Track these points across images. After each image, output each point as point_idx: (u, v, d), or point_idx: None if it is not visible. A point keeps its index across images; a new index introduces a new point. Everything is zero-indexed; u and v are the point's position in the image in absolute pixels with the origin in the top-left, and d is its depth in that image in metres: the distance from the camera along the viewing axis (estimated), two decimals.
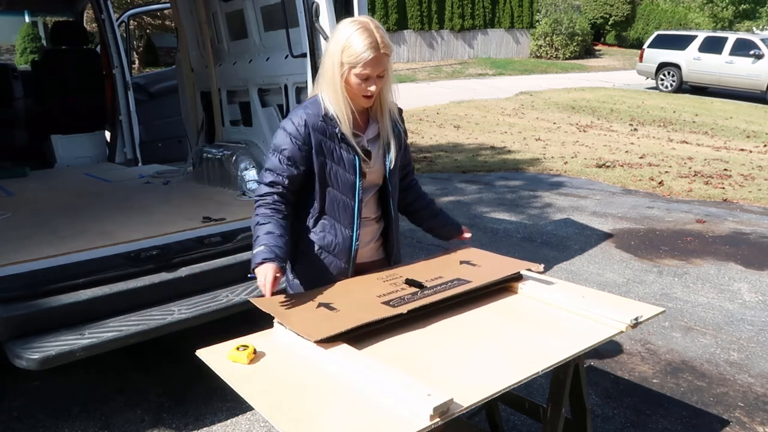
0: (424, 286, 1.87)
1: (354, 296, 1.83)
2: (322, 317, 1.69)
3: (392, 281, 1.93)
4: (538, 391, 2.87)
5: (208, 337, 1.91)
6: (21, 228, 3.16)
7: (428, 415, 1.28)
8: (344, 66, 1.79)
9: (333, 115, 1.86)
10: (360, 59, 1.76)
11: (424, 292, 1.83)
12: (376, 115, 1.96)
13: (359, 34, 1.77)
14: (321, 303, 1.77)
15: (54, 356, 2.27)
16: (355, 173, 1.90)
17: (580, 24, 25.18)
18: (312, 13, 3.00)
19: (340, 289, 1.90)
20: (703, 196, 6.53)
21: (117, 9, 12.61)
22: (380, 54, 1.78)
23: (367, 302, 1.77)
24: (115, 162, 5.46)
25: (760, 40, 15.21)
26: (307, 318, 1.69)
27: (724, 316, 3.78)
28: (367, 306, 1.74)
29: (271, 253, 1.78)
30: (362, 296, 1.82)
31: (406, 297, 1.79)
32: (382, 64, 1.80)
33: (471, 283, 1.90)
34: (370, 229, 2.05)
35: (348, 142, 1.88)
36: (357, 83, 1.81)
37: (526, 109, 13.18)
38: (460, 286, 1.88)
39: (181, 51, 4.58)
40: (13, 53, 18.77)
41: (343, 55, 1.78)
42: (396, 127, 2.00)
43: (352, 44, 1.77)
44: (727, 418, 2.76)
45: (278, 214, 1.87)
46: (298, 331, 1.61)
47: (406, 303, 1.74)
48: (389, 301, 1.76)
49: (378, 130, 1.97)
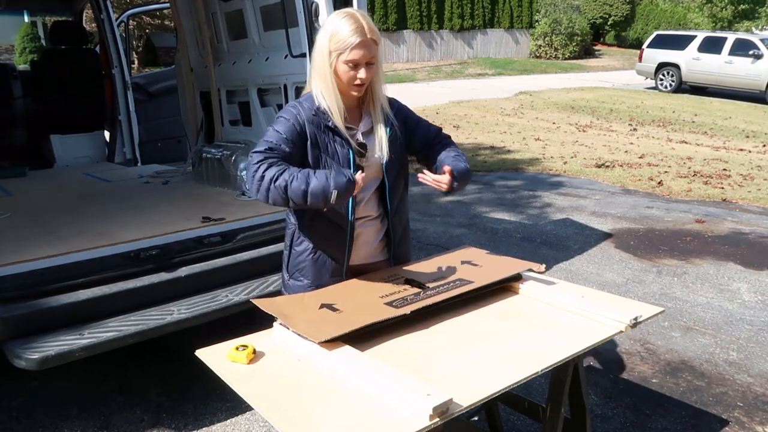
0: (427, 287, 1.87)
1: (356, 297, 1.84)
2: (325, 318, 1.69)
3: (394, 282, 1.93)
4: (537, 391, 2.87)
5: (207, 337, 1.91)
6: (20, 228, 3.16)
7: (428, 414, 1.28)
8: (332, 55, 1.80)
9: (325, 108, 1.86)
10: (347, 44, 1.77)
11: (427, 293, 1.83)
12: (369, 107, 1.95)
13: (345, 21, 1.79)
14: (324, 304, 1.78)
15: (53, 356, 2.27)
16: (349, 167, 1.88)
17: (579, 24, 25.18)
18: (311, 13, 3.00)
19: (342, 290, 1.90)
20: (702, 196, 6.53)
21: (116, 9, 12.60)
22: (367, 39, 1.78)
23: (369, 303, 1.77)
24: (114, 162, 5.45)
25: (759, 40, 15.23)
26: (310, 319, 1.69)
27: (724, 315, 3.78)
28: (370, 307, 1.74)
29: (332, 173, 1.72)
30: (365, 297, 1.82)
31: (408, 298, 1.80)
32: (370, 51, 1.80)
33: (473, 284, 1.91)
34: (373, 229, 2.03)
35: (341, 135, 1.87)
36: (346, 71, 1.81)
37: (526, 109, 13.18)
38: (462, 286, 1.89)
39: (180, 51, 4.58)
40: (12, 53, 18.75)
41: (331, 42, 1.79)
42: (389, 122, 1.97)
43: (339, 31, 1.78)
44: (727, 417, 2.77)
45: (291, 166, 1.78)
46: (302, 332, 1.61)
47: (408, 304, 1.75)
48: (392, 302, 1.76)
49: (371, 123, 1.96)
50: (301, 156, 1.87)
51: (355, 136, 1.93)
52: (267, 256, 2.98)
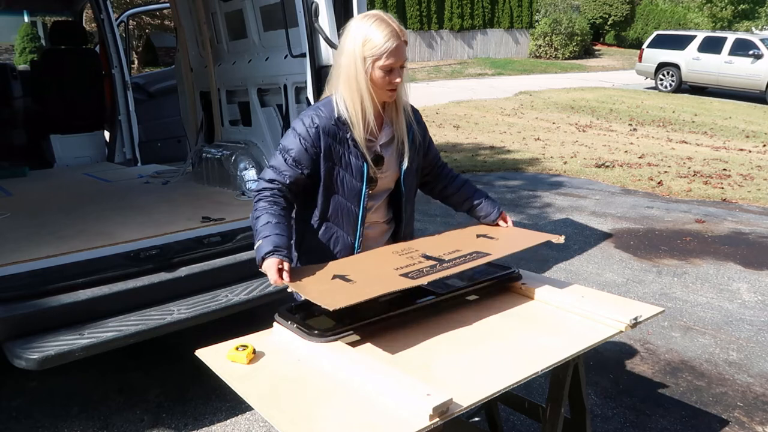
0: (442, 260, 1.82)
1: (370, 269, 1.79)
2: (338, 288, 1.65)
3: (409, 254, 1.87)
4: (537, 391, 2.87)
5: (207, 337, 1.91)
6: (20, 228, 3.16)
7: (428, 414, 1.28)
8: (367, 61, 1.75)
9: (346, 118, 1.82)
10: (384, 49, 1.74)
11: (443, 265, 1.77)
12: (392, 115, 1.91)
13: (377, 25, 1.75)
14: (336, 275, 1.73)
15: (53, 356, 2.26)
16: (362, 180, 1.86)
17: (579, 24, 25.19)
18: (311, 13, 3.00)
19: (355, 262, 1.85)
20: (702, 196, 6.53)
21: (116, 9, 12.60)
22: (401, 42, 1.77)
23: (384, 274, 1.72)
24: (114, 162, 5.45)
25: (759, 40, 15.23)
26: (322, 289, 1.64)
27: (723, 315, 3.78)
28: (385, 277, 1.69)
29: (270, 245, 1.71)
30: (379, 269, 1.78)
31: (424, 270, 1.74)
32: (403, 53, 1.78)
33: (490, 256, 1.86)
34: (379, 231, 2.02)
35: (359, 148, 1.84)
36: (381, 77, 1.77)
37: (526, 109, 13.18)
38: (479, 258, 1.84)
39: (180, 51, 4.58)
40: (12, 53, 18.76)
41: (365, 48, 1.75)
42: (411, 126, 1.95)
43: (373, 36, 1.74)
44: (726, 417, 2.77)
45: (275, 206, 1.82)
46: (314, 299, 1.56)
47: (424, 275, 1.69)
48: (407, 273, 1.71)
49: (392, 133, 1.93)
50: (312, 170, 1.84)
51: (373, 147, 1.89)
52: None
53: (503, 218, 2.19)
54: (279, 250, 1.71)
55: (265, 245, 1.72)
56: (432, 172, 2.15)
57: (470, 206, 2.19)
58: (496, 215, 2.17)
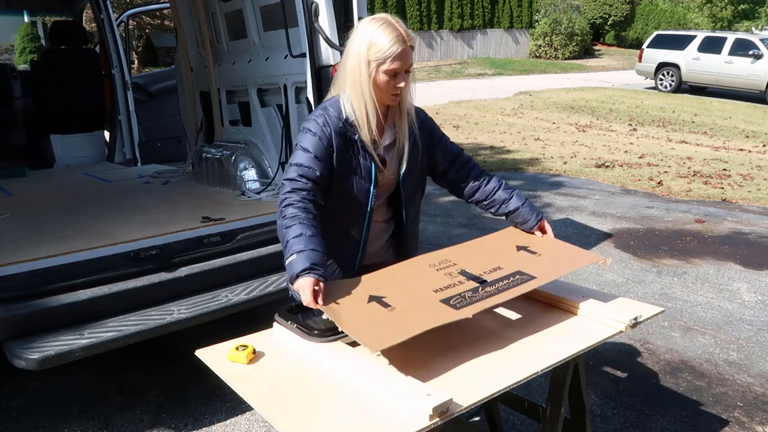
0: (484, 281, 1.73)
1: (407, 288, 1.68)
2: (377, 318, 1.54)
3: (446, 270, 1.78)
4: (537, 391, 2.87)
5: (207, 337, 1.91)
6: (20, 228, 3.16)
7: (428, 415, 1.28)
8: (371, 64, 1.75)
9: (353, 120, 1.82)
10: (389, 54, 1.73)
11: (486, 290, 1.67)
12: (395, 118, 1.91)
13: (383, 29, 1.74)
14: (372, 296, 1.63)
15: (53, 356, 2.26)
16: (370, 180, 1.86)
17: (579, 24, 25.19)
18: (311, 13, 3.00)
19: (390, 277, 1.75)
20: (702, 196, 6.53)
21: (116, 9, 12.61)
22: (407, 47, 1.76)
23: (423, 298, 1.62)
24: (114, 162, 5.45)
25: (759, 40, 15.24)
26: (361, 318, 1.54)
27: (723, 315, 3.78)
28: (425, 304, 1.60)
29: (307, 261, 1.60)
30: (416, 289, 1.68)
31: (467, 295, 1.64)
32: (409, 58, 1.77)
33: (536, 280, 1.76)
34: (379, 230, 2.02)
35: (366, 149, 1.84)
36: (385, 81, 1.76)
37: (526, 109, 13.18)
38: (525, 283, 1.74)
39: (180, 51, 4.57)
40: (12, 53, 18.76)
41: (370, 52, 1.74)
42: (413, 131, 1.93)
43: (378, 40, 1.73)
44: (726, 417, 2.77)
45: (307, 214, 1.72)
46: (356, 337, 1.46)
47: (469, 304, 1.60)
48: (449, 299, 1.62)
49: (394, 135, 1.92)
50: (331, 168, 1.82)
51: (376, 150, 1.89)
52: (267, 256, 2.98)
53: (541, 228, 2.10)
54: (316, 269, 1.60)
55: (299, 261, 1.61)
56: (453, 170, 2.07)
57: (507, 211, 2.10)
58: (534, 222, 2.09)
